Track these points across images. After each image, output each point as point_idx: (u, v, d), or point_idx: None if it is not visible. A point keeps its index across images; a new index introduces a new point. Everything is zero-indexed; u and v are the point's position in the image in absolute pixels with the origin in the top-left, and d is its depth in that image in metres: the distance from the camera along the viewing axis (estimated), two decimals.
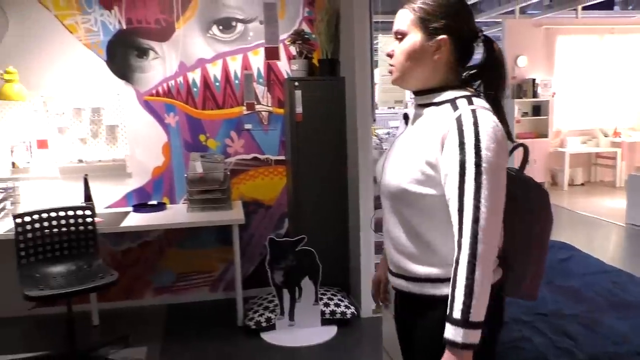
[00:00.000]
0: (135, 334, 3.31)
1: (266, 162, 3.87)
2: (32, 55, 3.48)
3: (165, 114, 3.71)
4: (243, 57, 3.74)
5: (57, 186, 3.60)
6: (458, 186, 1.24)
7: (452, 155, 1.25)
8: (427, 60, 1.35)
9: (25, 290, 2.63)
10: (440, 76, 1.37)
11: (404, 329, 1.57)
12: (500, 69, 1.38)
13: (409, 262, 1.40)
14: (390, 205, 1.43)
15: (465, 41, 1.36)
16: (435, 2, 1.33)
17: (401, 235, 1.40)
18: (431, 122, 1.33)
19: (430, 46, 1.33)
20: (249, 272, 3.93)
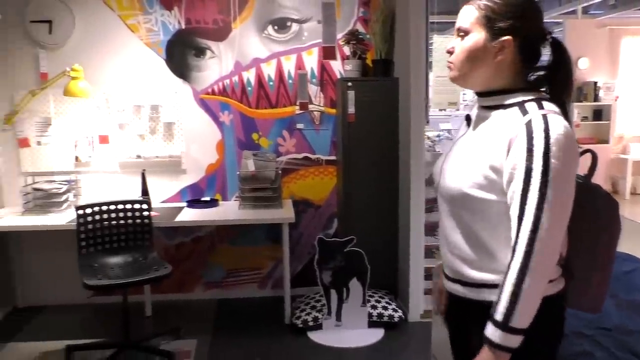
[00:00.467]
0: (185, 326, 3.39)
1: (317, 162, 3.88)
2: (96, 54, 3.63)
3: (220, 112, 3.78)
4: (297, 57, 3.76)
5: (116, 180, 3.74)
6: (521, 194, 1.20)
7: (518, 161, 1.20)
8: (488, 61, 1.31)
9: (85, 279, 2.74)
10: (504, 78, 1.32)
11: (458, 335, 1.54)
12: (569, 72, 1.32)
13: (466, 267, 1.37)
14: (449, 208, 1.40)
15: (531, 42, 1.31)
16: (503, 1, 1.28)
17: (459, 240, 1.37)
18: (498, 125, 1.29)
19: (494, 47, 1.29)
20: (297, 270, 3.95)
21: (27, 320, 3.54)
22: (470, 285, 1.37)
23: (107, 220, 3.13)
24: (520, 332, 1.19)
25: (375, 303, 3.40)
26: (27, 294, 3.80)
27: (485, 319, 1.29)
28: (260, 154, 3.67)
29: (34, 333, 3.34)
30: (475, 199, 1.29)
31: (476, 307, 1.35)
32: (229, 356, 3.03)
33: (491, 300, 1.29)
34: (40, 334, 3.33)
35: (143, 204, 3.21)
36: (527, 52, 1.30)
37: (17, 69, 3.59)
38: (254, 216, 3.36)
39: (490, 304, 1.29)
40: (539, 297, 1.20)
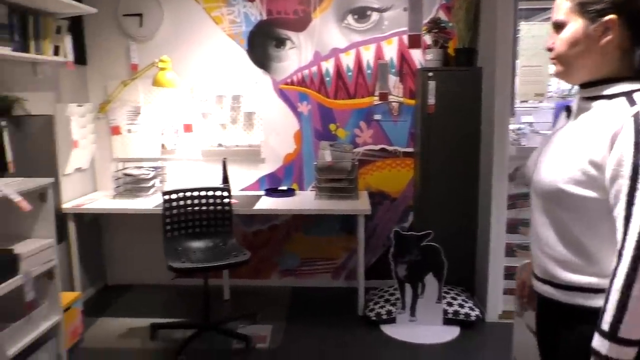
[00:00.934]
0: (261, 311, 3.47)
1: (394, 153, 3.82)
2: (182, 45, 3.77)
3: (299, 102, 3.81)
4: (376, 47, 3.71)
5: (199, 167, 3.88)
6: (628, 192, 1.11)
7: (623, 156, 1.11)
8: (593, 47, 1.21)
9: (169, 262, 2.87)
10: (612, 64, 1.22)
11: (546, 339, 1.46)
12: None
13: (558, 268, 1.29)
14: (542, 204, 1.32)
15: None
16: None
17: (552, 238, 1.29)
18: (600, 117, 1.19)
19: (595, 30, 1.19)
20: (371, 262, 3.93)
21: (115, 297, 3.78)
22: (562, 287, 1.29)
23: (190, 206, 3.26)
24: (632, 344, 1.09)
25: (451, 300, 3.31)
26: (116, 273, 4.06)
27: (577, 324, 1.22)
28: (337, 145, 3.67)
29: (121, 310, 3.56)
30: (572, 196, 1.21)
31: (568, 311, 1.28)
32: (303, 344, 3.08)
33: (584, 305, 1.22)
34: (127, 311, 3.54)
35: (224, 192, 3.31)
36: (637, 30, 1.18)
37: (110, 60, 3.81)
38: (330, 207, 3.37)
39: (583, 309, 1.22)
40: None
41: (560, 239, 1.27)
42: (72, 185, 3.60)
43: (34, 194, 2.53)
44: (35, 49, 2.92)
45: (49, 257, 2.57)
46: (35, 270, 2.44)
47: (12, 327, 2.32)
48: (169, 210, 3.18)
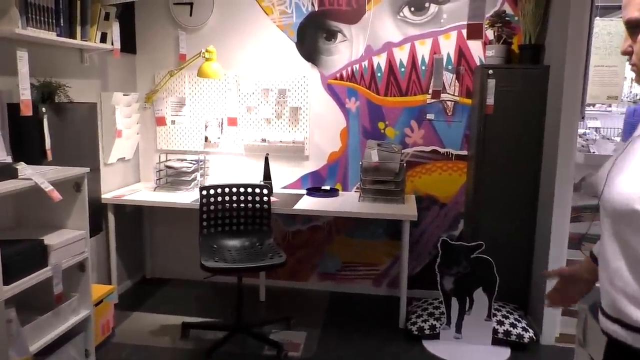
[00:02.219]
0: (297, 316, 3.32)
1: (446, 156, 3.57)
2: (231, 36, 3.66)
3: (347, 98, 3.62)
4: (432, 41, 3.46)
5: (241, 162, 3.77)
6: None
7: None
8: None
9: (203, 260, 2.76)
10: None
11: None
12: None
13: (631, 306, 1.05)
14: (612, 226, 1.09)
15: None
16: None
17: (623, 269, 1.07)
18: None
19: None
20: (416, 271, 3.70)
21: (152, 291, 3.73)
22: (634, 329, 1.05)
23: (228, 203, 3.15)
24: None
25: (502, 318, 3.04)
26: (155, 266, 4.01)
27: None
28: (385, 145, 3.46)
29: (156, 305, 3.50)
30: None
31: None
32: (338, 356, 2.90)
33: None
34: (161, 306, 3.48)
35: (264, 189, 3.18)
36: None
37: (159, 49, 3.75)
38: (374, 210, 3.17)
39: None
40: None
41: (633, 271, 1.05)
42: (114, 175, 3.57)
43: (68, 183, 2.47)
44: (81, 35, 2.88)
45: (81, 249, 2.50)
46: (66, 263, 2.38)
47: (39, 320, 2.26)
48: (206, 206, 3.07)
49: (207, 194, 3.08)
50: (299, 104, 3.63)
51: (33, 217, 2.55)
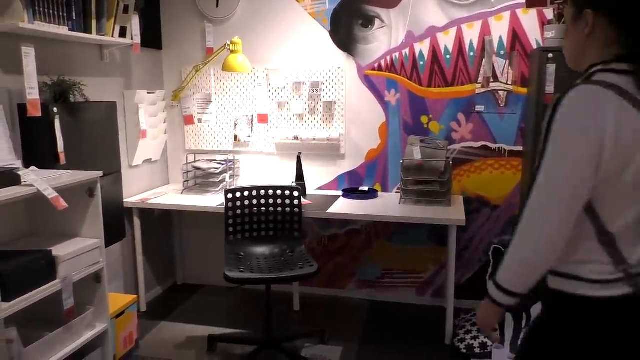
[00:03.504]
0: (332, 328, 3.05)
1: (498, 152, 3.20)
2: (259, 27, 3.42)
3: (386, 90, 3.31)
4: (482, 24, 3.10)
5: (273, 162, 3.53)
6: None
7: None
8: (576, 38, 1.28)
9: (226, 271, 2.53)
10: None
11: None
12: None
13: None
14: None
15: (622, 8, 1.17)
16: None
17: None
18: None
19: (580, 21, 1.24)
20: (464, 279, 3.35)
21: (181, 299, 3.55)
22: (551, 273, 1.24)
23: (256, 207, 2.91)
24: (508, 294, 1.23)
25: None
26: (185, 272, 3.84)
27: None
28: (428, 141, 3.13)
29: (185, 314, 3.31)
30: None
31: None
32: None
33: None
34: (190, 315, 3.28)
35: (294, 191, 2.92)
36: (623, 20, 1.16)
37: (185, 43, 3.56)
38: (416, 213, 2.85)
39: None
40: (523, 266, 1.20)
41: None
42: (140, 178, 3.41)
43: (80, 189, 2.29)
44: (97, 29, 2.70)
45: (96, 259, 2.32)
46: (78, 274, 2.20)
47: (48, 337, 2.09)
48: (231, 210, 2.84)
49: (233, 197, 2.85)
50: (334, 97, 3.35)
51: (47, 226, 2.40)
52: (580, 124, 1.10)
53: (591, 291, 1.17)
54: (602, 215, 1.16)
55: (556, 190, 1.13)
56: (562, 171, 1.12)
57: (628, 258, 1.16)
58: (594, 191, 1.14)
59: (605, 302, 1.16)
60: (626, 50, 1.16)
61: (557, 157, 1.12)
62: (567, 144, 1.11)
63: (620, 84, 1.11)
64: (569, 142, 1.11)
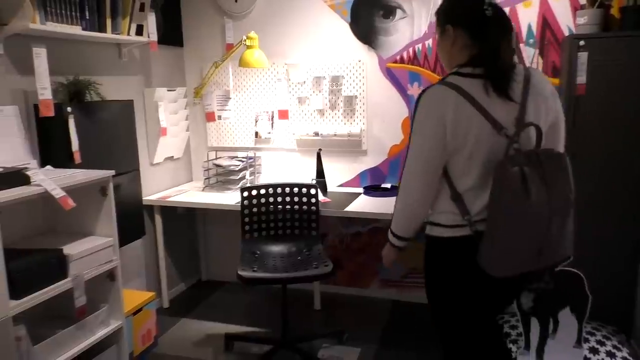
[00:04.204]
0: (352, 329, 2.98)
1: None
2: (278, 21, 3.36)
3: (409, 84, 3.19)
4: (510, 11, 2.93)
5: (294, 158, 3.48)
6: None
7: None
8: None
9: (239, 270, 2.50)
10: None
11: None
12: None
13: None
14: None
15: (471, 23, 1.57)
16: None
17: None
18: None
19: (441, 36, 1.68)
20: None
21: (204, 295, 3.56)
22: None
23: (272, 205, 2.86)
24: (400, 238, 1.72)
25: (597, 345, 2.49)
26: (209, 268, 3.85)
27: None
28: None
29: (206, 311, 3.32)
30: None
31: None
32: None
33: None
34: (211, 312, 3.28)
35: (311, 189, 2.86)
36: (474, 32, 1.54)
37: (206, 40, 3.55)
38: None
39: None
40: (403, 218, 1.66)
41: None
42: (162, 175, 3.42)
43: (93, 188, 2.31)
44: (112, 28, 2.71)
45: (109, 258, 2.34)
46: (89, 273, 2.22)
47: (59, 334, 2.11)
48: (247, 208, 2.81)
49: (249, 195, 2.81)
50: (355, 92, 3.26)
51: (62, 224, 2.43)
52: (429, 113, 1.51)
53: (446, 233, 1.61)
54: (453, 180, 1.56)
55: (418, 162, 1.55)
56: (420, 148, 1.54)
57: (470, 210, 1.56)
58: (447, 162, 1.54)
59: (456, 240, 1.60)
60: (477, 52, 1.54)
61: (418, 138, 1.55)
62: (422, 127, 1.53)
63: (462, 84, 1.50)
64: (423, 126, 1.53)
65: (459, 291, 1.64)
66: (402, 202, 1.62)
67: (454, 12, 1.60)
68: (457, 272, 1.62)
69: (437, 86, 1.52)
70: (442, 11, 1.64)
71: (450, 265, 1.63)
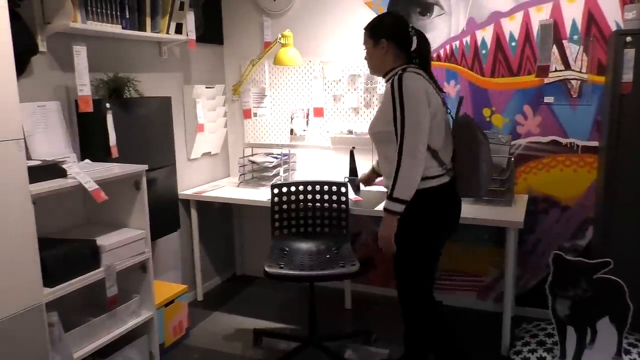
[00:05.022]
0: (382, 329, 2.94)
1: (569, 148, 2.90)
2: (316, 19, 3.36)
3: (445, 82, 3.12)
4: (553, 6, 2.82)
5: (328, 156, 3.47)
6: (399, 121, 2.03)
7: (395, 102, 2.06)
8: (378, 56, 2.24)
9: (266, 266, 2.52)
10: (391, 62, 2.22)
11: None
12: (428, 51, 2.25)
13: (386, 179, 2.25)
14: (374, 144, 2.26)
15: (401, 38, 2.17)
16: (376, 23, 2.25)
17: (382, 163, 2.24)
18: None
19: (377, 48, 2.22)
20: (529, 286, 3.09)
21: (237, 290, 3.61)
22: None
23: (302, 202, 2.87)
24: (400, 202, 1.99)
25: (639, 357, 2.36)
26: (244, 263, 3.91)
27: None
28: (490, 135, 2.88)
29: (237, 305, 3.36)
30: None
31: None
32: None
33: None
34: (243, 307, 3.33)
35: (341, 187, 2.84)
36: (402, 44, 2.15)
37: (245, 38, 3.59)
38: (471, 213, 2.66)
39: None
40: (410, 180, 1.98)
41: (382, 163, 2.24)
42: (200, 170, 3.50)
43: (128, 181, 2.38)
44: (152, 27, 2.78)
45: (141, 250, 2.41)
46: (121, 264, 2.29)
47: (91, 322, 2.19)
48: (278, 205, 2.83)
49: (279, 192, 2.83)
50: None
51: (99, 216, 2.52)
52: (417, 91, 1.98)
53: (432, 183, 2.06)
54: (429, 141, 2.01)
55: (419, 131, 1.96)
56: (417, 118, 1.96)
57: (445, 162, 2.10)
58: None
59: (440, 186, 2.09)
60: (407, 60, 2.15)
61: (413, 112, 1.96)
62: (415, 102, 1.96)
63: (418, 72, 2.07)
64: (417, 101, 1.97)
65: (441, 224, 2.16)
66: (410, 168, 1.95)
67: (389, 30, 2.14)
68: (441, 211, 2.13)
69: (410, 73, 2.01)
70: (376, 28, 2.17)
71: (437, 206, 2.11)
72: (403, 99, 1.95)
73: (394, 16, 2.24)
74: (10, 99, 1.74)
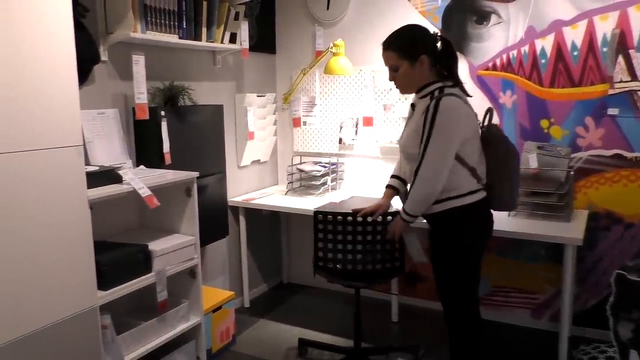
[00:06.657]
0: (429, 344, 2.86)
1: (635, 162, 2.75)
2: (368, 28, 3.34)
3: (501, 92, 3.02)
4: (620, 15, 2.68)
5: (377, 166, 3.43)
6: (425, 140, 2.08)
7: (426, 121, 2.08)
8: (415, 73, 2.20)
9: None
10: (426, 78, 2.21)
11: None
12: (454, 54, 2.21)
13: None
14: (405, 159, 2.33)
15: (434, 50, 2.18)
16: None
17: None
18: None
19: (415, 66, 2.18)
20: (589, 305, 2.94)
21: (284, 298, 3.61)
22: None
23: (350, 234, 2.63)
24: (410, 215, 2.15)
25: None
26: (291, 271, 3.91)
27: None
28: (548, 147, 2.79)
29: (284, 313, 3.36)
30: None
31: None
32: None
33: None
34: (289, 315, 3.32)
35: (387, 217, 2.73)
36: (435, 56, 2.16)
37: (297, 47, 3.61)
38: (527, 228, 2.55)
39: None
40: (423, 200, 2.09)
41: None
42: (249, 178, 3.53)
43: (179, 188, 2.43)
44: (207, 37, 2.83)
45: (190, 255, 2.44)
46: (172, 269, 2.33)
47: (141, 326, 2.24)
48: (322, 232, 2.66)
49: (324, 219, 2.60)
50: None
51: (152, 221, 2.58)
52: (452, 117, 2.00)
53: (467, 200, 2.08)
54: (465, 159, 2.05)
55: (445, 157, 2.01)
56: (447, 145, 2.00)
57: (482, 177, 2.13)
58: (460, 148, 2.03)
59: (479, 201, 2.11)
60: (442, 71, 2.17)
61: (443, 137, 1.99)
62: (447, 129, 1.99)
63: (457, 94, 2.08)
64: (449, 128, 1.99)
65: (483, 238, 2.19)
66: (428, 189, 2.03)
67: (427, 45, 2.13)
68: (482, 225, 2.17)
69: (448, 97, 2.01)
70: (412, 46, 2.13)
71: (480, 221, 2.15)
72: (434, 126, 1.97)
73: (417, 28, 2.21)
74: (71, 108, 1.80)
